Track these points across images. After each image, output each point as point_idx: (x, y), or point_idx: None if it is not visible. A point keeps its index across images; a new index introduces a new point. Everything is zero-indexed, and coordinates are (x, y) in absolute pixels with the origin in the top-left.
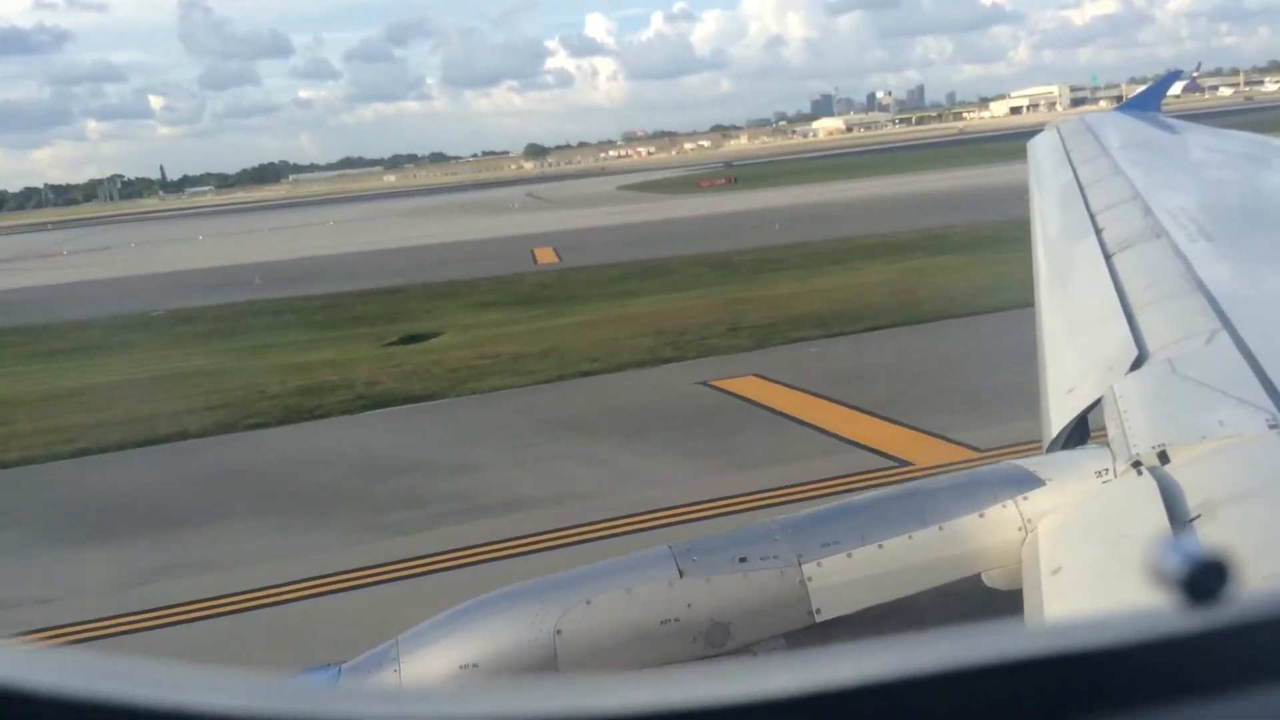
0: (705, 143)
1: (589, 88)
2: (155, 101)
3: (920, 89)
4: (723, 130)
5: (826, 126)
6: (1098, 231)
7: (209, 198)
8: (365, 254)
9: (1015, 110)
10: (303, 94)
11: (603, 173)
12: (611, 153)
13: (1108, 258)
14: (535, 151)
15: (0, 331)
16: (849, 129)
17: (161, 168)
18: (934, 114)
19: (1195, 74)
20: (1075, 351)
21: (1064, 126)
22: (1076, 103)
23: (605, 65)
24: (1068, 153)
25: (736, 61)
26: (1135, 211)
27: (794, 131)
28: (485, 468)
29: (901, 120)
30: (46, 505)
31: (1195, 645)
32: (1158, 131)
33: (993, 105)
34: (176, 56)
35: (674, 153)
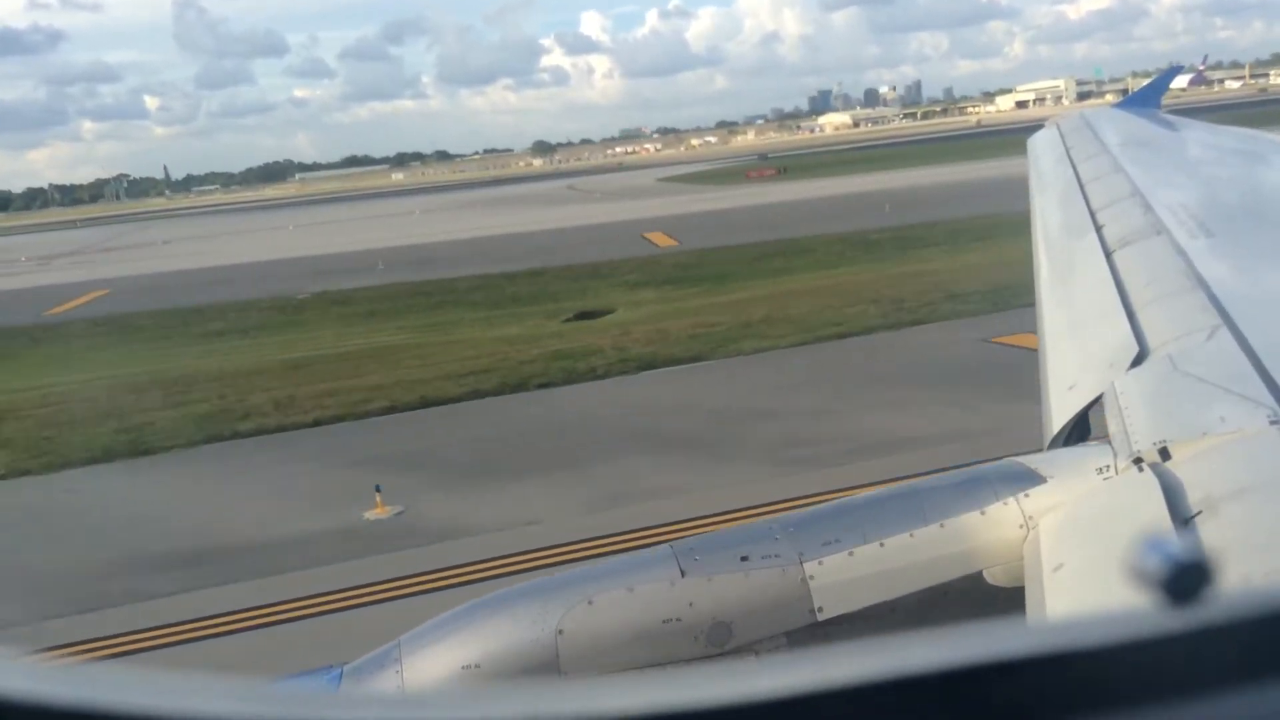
0: (712, 139)
1: (585, 85)
2: (151, 101)
3: (918, 84)
4: (728, 126)
5: (833, 122)
6: (1098, 229)
7: (216, 196)
8: (467, 241)
9: (1021, 104)
10: (298, 93)
11: (620, 168)
12: (618, 149)
13: (1108, 255)
14: (542, 149)
15: (165, 313)
16: (855, 124)
17: (165, 167)
18: (938, 109)
19: (1202, 67)
20: (1076, 348)
21: (1064, 123)
22: (1083, 96)
23: (601, 63)
24: (1067, 149)
25: (732, 58)
26: (1135, 208)
27: (799, 127)
28: (839, 413)
29: (906, 115)
30: (458, 446)
31: (1176, 645)
32: (1157, 128)
33: (998, 100)
34: (171, 56)
35: (682, 149)
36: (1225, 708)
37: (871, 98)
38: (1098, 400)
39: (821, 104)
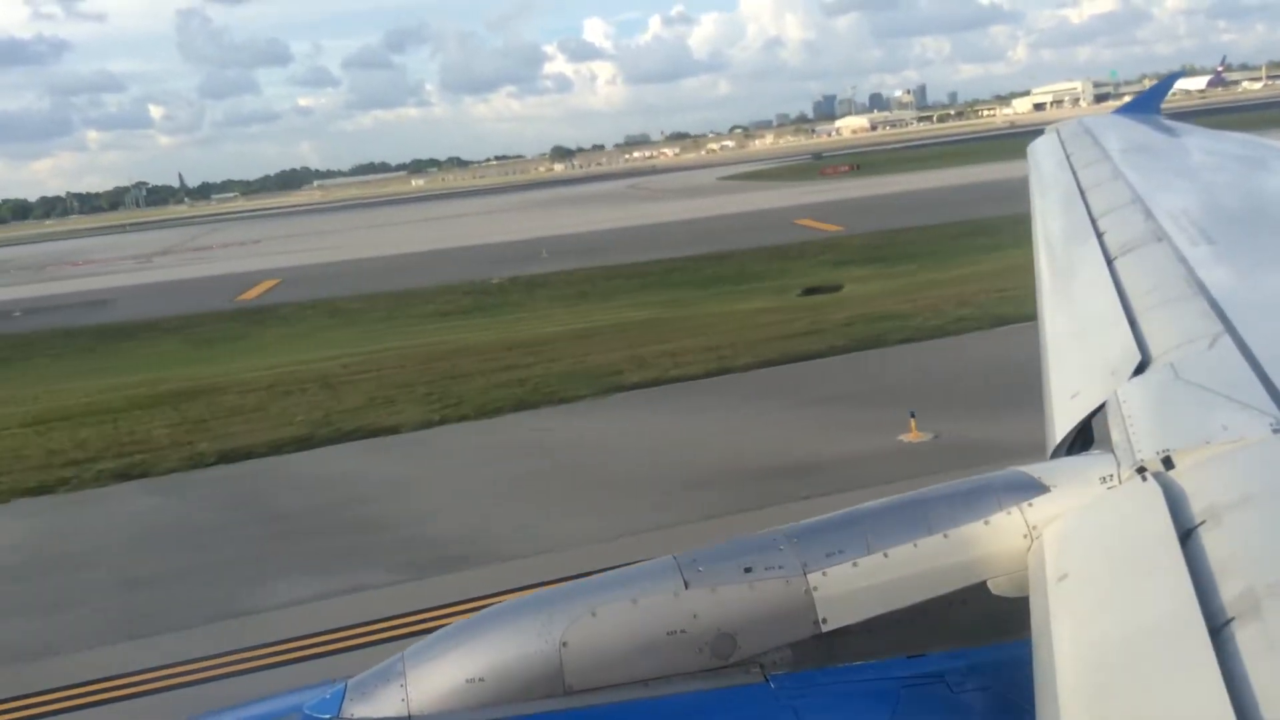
0: (729, 143)
1: (588, 92)
2: (155, 110)
3: (922, 89)
4: (743, 130)
5: (850, 125)
6: (1099, 236)
7: (238, 203)
8: (611, 232)
9: (1039, 107)
10: (302, 101)
11: (653, 170)
12: (635, 154)
13: (1109, 262)
14: (560, 154)
15: (367, 298)
16: (873, 127)
17: (180, 175)
18: (951, 112)
19: (1220, 69)
20: (1078, 356)
21: (1063, 129)
22: (1100, 98)
23: (604, 69)
24: (1068, 156)
25: (734, 64)
26: (1136, 215)
27: (814, 131)
28: None
29: (922, 119)
30: (903, 388)
31: None
32: (1158, 134)
33: (1014, 103)
34: (175, 65)
35: (703, 152)
36: None
37: (877, 102)
38: (1100, 409)
39: (826, 108)
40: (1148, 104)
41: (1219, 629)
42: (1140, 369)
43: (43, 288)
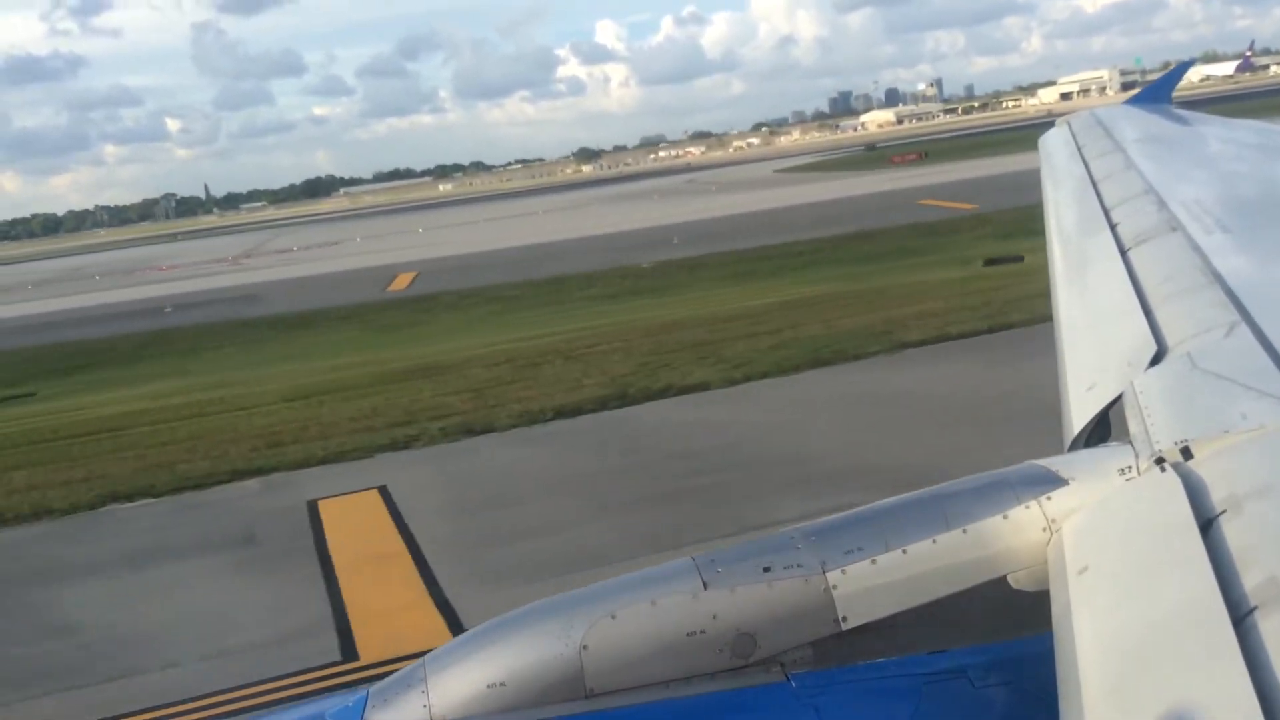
0: (754, 140)
1: (601, 94)
2: (172, 124)
3: (938, 82)
4: (769, 128)
5: (876, 119)
6: (1112, 227)
7: (267, 212)
8: (726, 219)
9: (1065, 96)
10: (317, 111)
11: (688, 168)
12: (660, 153)
13: (1123, 253)
14: (587, 155)
15: (523, 285)
16: (899, 121)
17: (206, 186)
18: (975, 104)
19: (1249, 53)
20: (1094, 348)
21: (1075, 121)
22: (1126, 86)
23: (617, 71)
24: (1079, 148)
25: (747, 62)
26: (1149, 205)
27: (838, 126)
28: None
29: (947, 111)
30: None
31: None
32: (1169, 124)
33: (1040, 93)
34: (190, 79)
35: (730, 150)
36: None
37: (893, 97)
38: (1117, 400)
39: (842, 105)
40: (1159, 93)
41: (1241, 618)
42: (1156, 359)
43: (158, 289)
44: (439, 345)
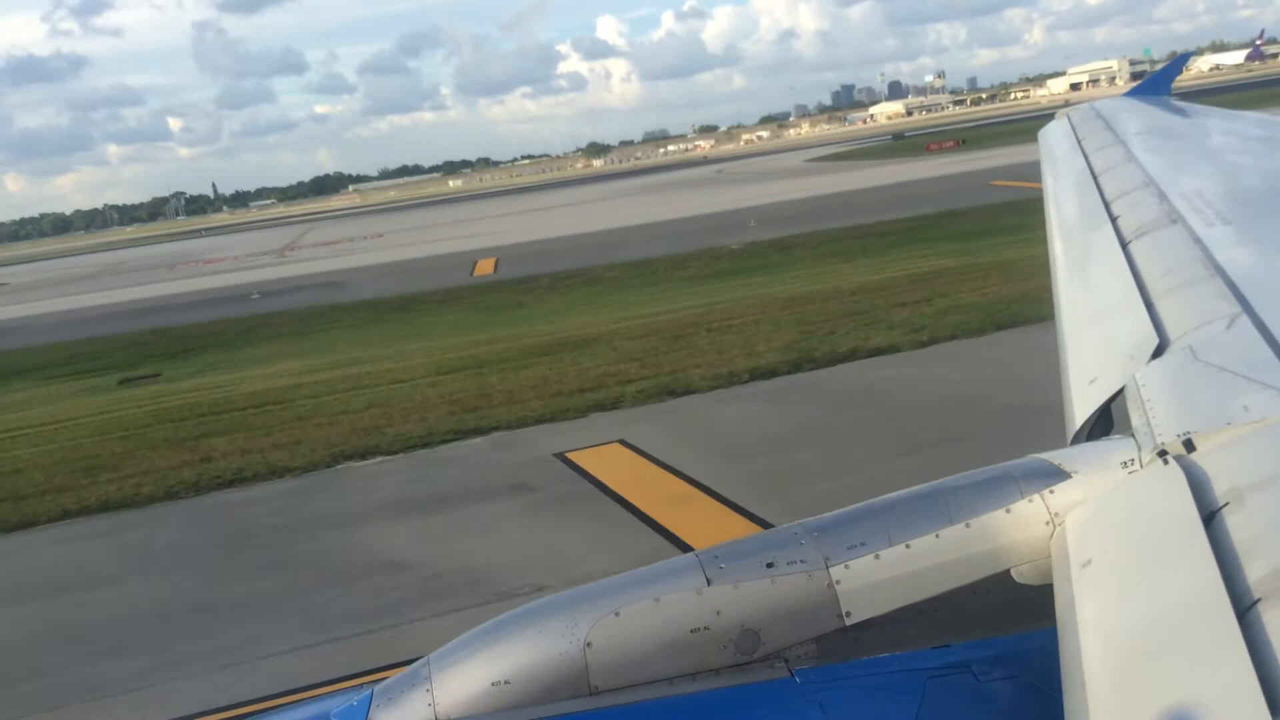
0: (763, 133)
1: (603, 90)
2: (174, 123)
3: (941, 75)
4: (778, 121)
5: (885, 111)
6: (1113, 219)
7: (278, 209)
8: (796, 202)
9: (1075, 86)
10: (319, 109)
11: (705, 160)
12: (670, 147)
13: (1124, 245)
14: (596, 150)
15: (619, 266)
16: (909, 113)
17: (214, 184)
18: (984, 95)
19: (1260, 41)
20: (1095, 341)
21: (1074, 114)
22: (1136, 76)
23: (619, 66)
24: (1079, 140)
25: (749, 57)
26: (1150, 198)
27: (846, 119)
28: None
29: (956, 102)
30: None
31: None
32: (1169, 116)
33: (1049, 83)
34: (192, 78)
35: (741, 143)
36: None
37: (896, 90)
38: (1119, 393)
39: (845, 98)
40: (1158, 86)
41: (1245, 611)
42: (1158, 352)
43: (225, 279)
44: (561, 323)
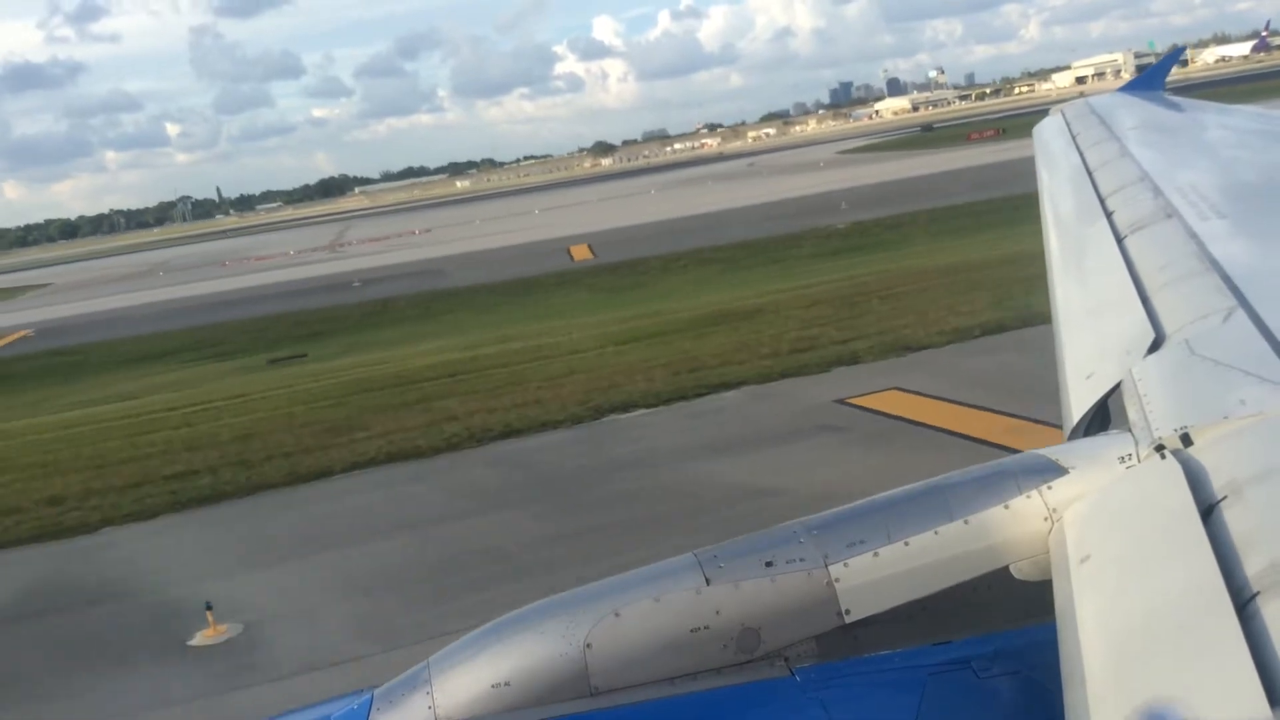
0: (770, 130)
1: (600, 90)
2: (172, 128)
3: (942, 70)
4: (783, 119)
5: (891, 107)
6: (1108, 215)
7: (286, 212)
8: (874, 186)
9: (1081, 80)
10: (317, 112)
11: (720, 157)
12: (676, 145)
13: (1119, 240)
14: (602, 149)
15: (722, 248)
16: (914, 108)
17: (218, 188)
18: (988, 90)
19: (1265, 33)
20: (1092, 337)
21: (1068, 109)
22: (1141, 69)
23: (615, 67)
24: (1073, 136)
25: (745, 55)
26: (1145, 193)
27: (850, 115)
28: None
29: (962, 97)
30: None
31: None
32: (1163, 111)
33: (1054, 77)
34: (189, 83)
35: (749, 140)
36: None
37: (894, 87)
38: (1116, 388)
39: (843, 95)
40: (1152, 81)
41: (1244, 604)
42: (1155, 347)
43: (295, 272)
44: (702, 299)
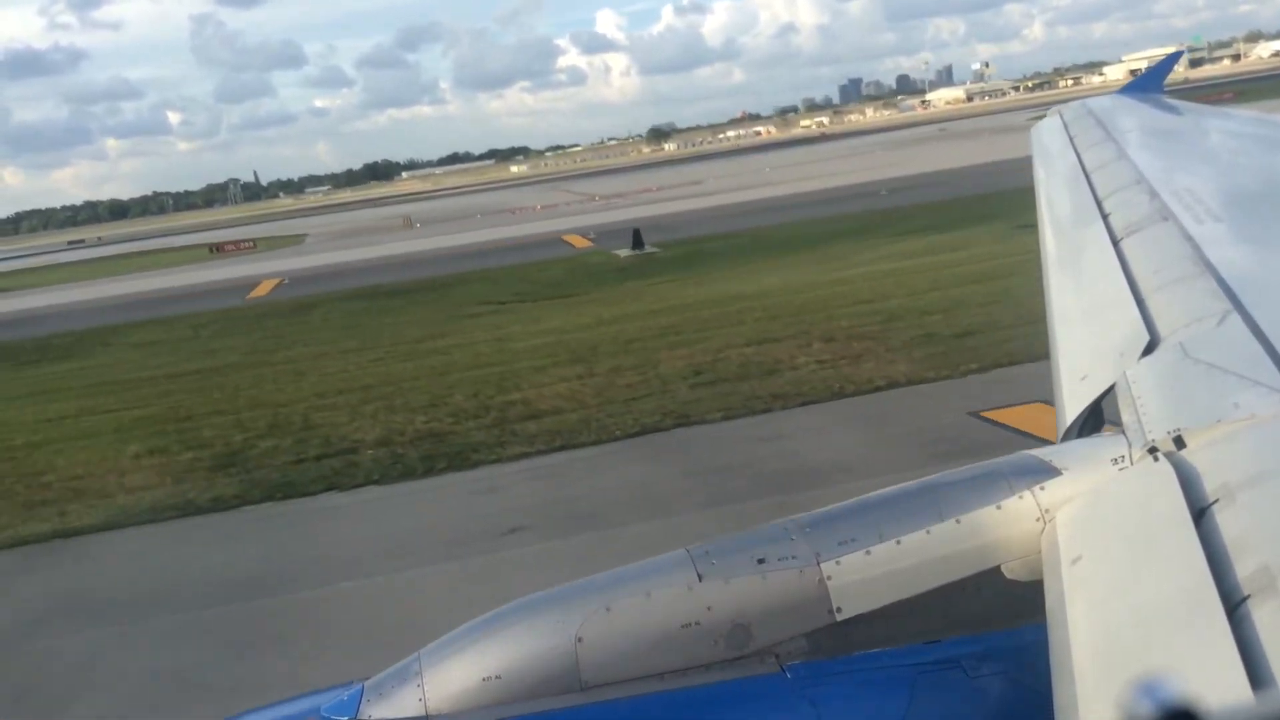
0: (824, 119)
1: (602, 84)
2: (173, 117)
3: (949, 69)
4: (836, 108)
5: (944, 97)
6: (1104, 216)
7: (345, 194)
8: (977, 168)
9: (1134, 73)
10: (318, 103)
11: (824, 137)
12: (730, 133)
13: (1115, 243)
14: (658, 135)
15: (923, 208)
16: (969, 98)
17: (255, 173)
18: (1031, 83)
19: None
20: (1086, 338)
21: (1066, 111)
22: (1195, 64)
23: (618, 61)
24: (1071, 138)
25: (748, 51)
26: (1141, 195)
27: (899, 106)
28: None
29: (1014, 88)
30: None
31: None
32: (1161, 113)
33: (1106, 69)
34: (191, 71)
35: (804, 127)
36: None
37: (904, 84)
38: (1110, 390)
39: (852, 92)
40: (1150, 83)
41: (1234, 607)
42: (1149, 349)
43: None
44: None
